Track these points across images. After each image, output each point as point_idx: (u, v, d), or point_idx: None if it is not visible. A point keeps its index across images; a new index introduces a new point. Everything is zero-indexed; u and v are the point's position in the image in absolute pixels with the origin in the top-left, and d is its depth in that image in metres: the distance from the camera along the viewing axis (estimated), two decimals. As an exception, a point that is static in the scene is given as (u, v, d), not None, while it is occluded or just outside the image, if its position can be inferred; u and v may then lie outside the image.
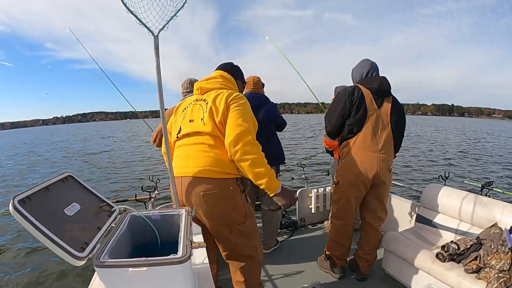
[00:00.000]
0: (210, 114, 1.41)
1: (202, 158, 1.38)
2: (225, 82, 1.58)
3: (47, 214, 0.96)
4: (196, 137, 1.44)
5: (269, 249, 2.53)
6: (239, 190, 1.40)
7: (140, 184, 2.96)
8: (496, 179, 4.66)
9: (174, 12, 1.53)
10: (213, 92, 1.49)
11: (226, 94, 1.44)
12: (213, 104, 1.42)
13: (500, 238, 1.56)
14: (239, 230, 1.44)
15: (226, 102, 1.40)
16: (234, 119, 1.35)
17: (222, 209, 1.39)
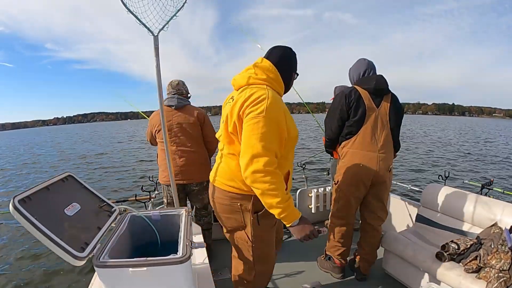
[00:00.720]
0: (226, 120, 1.23)
1: (219, 168, 1.32)
2: (260, 75, 1.24)
3: (47, 214, 0.96)
4: (219, 143, 1.36)
5: None
6: (248, 209, 1.24)
7: (140, 184, 2.96)
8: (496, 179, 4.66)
9: (174, 12, 1.53)
10: (242, 90, 1.23)
11: (245, 97, 1.16)
12: (233, 107, 1.19)
13: (500, 238, 1.56)
14: (242, 248, 1.35)
15: (240, 109, 1.15)
16: (247, 136, 1.11)
17: (227, 222, 1.33)
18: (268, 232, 1.33)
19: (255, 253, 1.32)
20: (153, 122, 2.27)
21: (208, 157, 2.38)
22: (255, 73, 1.24)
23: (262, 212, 1.24)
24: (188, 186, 2.26)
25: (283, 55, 1.30)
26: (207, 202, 2.36)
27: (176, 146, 2.19)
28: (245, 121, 1.13)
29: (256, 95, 1.14)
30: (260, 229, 1.28)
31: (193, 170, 2.23)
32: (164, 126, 1.73)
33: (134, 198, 2.72)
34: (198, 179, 2.27)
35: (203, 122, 2.29)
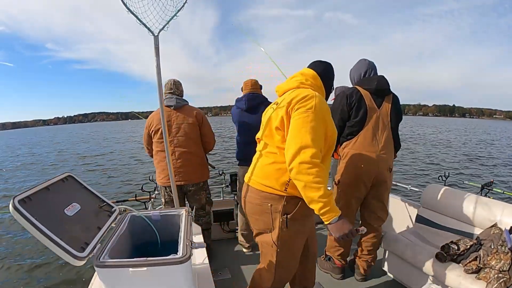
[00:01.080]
0: (271, 117, 1.27)
1: (254, 167, 1.34)
2: (304, 80, 1.32)
3: (47, 214, 0.96)
4: (259, 143, 1.39)
5: None
6: (279, 210, 1.22)
7: (140, 184, 2.96)
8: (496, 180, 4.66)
9: (175, 12, 1.53)
10: (288, 93, 1.29)
11: (294, 95, 1.21)
12: (279, 106, 1.25)
13: (500, 239, 1.56)
14: (266, 251, 1.32)
15: (288, 105, 1.19)
16: (296, 128, 1.13)
17: (256, 224, 1.32)
18: (296, 238, 1.29)
19: (278, 259, 1.29)
20: (149, 122, 2.24)
21: (205, 158, 2.38)
22: (301, 79, 1.33)
23: (291, 215, 1.22)
24: (185, 187, 2.25)
25: (326, 69, 1.40)
26: (204, 203, 2.36)
27: (174, 147, 2.18)
28: (293, 115, 1.16)
29: (305, 93, 1.20)
30: (287, 234, 1.25)
31: (190, 171, 2.23)
32: (164, 126, 1.73)
33: (134, 198, 2.72)
34: (195, 180, 2.26)
35: (202, 122, 2.29)
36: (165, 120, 1.73)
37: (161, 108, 1.70)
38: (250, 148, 2.36)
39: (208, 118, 2.44)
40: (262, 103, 2.34)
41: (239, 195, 2.56)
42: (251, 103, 2.33)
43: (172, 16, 1.53)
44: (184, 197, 2.32)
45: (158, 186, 2.46)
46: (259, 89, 2.44)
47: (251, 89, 2.39)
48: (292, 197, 1.21)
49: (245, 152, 2.38)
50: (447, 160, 11.02)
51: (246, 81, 2.43)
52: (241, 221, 2.55)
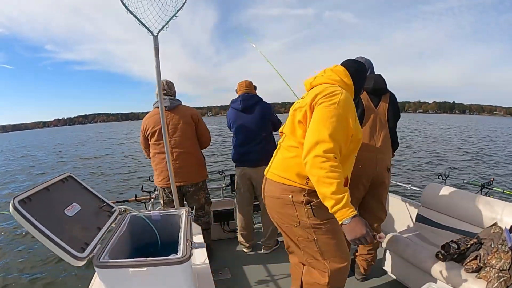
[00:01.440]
0: (295, 111, 1.26)
1: (274, 160, 1.33)
2: (334, 76, 1.28)
3: (47, 214, 0.96)
4: (281, 137, 1.38)
5: (270, 249, 2.53)
6: (301, 201, 1.20)
7: (139, 184, 2.96)
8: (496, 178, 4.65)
9: (174, 12, 1.53)
10: (316, 89, 1.25)
11: (319, 90, 1.18)
12: (304, 100, 1.24)
13: (500, 238, 1.56)
14: (304, 245, 1.28)
15: (313, 100, 1.17)
16: (316, 122, 1.11)
17: (281, 217, 1.28)
18: (329, 223, 1.22)
19: (322, 247, 1.23)
20: (145, 125, 2.22)
21: (202, 157, 2.38)
22: (330, 75, 1.28)
23: (315, 202, 1.18)
24: (184, 187, 2.25)
25: (359, 69, 1.35)
26: (204, 202, 2.36)
27: (171, 148, 2.16)
28: (316, 109, 1.14)
29: (330, 89, 1.17)
30: (317, 221, 1.20)
31: (188, 171, 2.22)
32: (164, 126, 1.73)
33: (134, 199, 2.72)
34: (193, 180, 2.26)
35: (198, 121, 2.29)
36: (165, 120, 1.72)
37: (161, 108, 1.70)
38: (247, 148, 2.37)
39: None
40: (257, 103, 2.37)
41: (237, 197, 2.56)
42: (246, 103, 2.34)
43: (171, 16, 1.53)
44: (182, 198, 2.31)
45: (157, 187, 2.46)
46: (254, 90, 2.47)
47: (246, 90, 2.41)
48: (314, 190, 1.13)
49: (241, 152, 2.39)
50: (447, 159, 11.02)
51: (240, 82, 2.45)
52: (240, 221, 2.55)
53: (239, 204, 2.53)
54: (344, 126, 1.12)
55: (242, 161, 2.41)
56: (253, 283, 2.09)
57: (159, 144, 2.18)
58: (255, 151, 2.34)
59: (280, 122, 2.50)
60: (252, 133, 2.35)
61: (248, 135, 2.36)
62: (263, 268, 2.27)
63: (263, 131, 2.36)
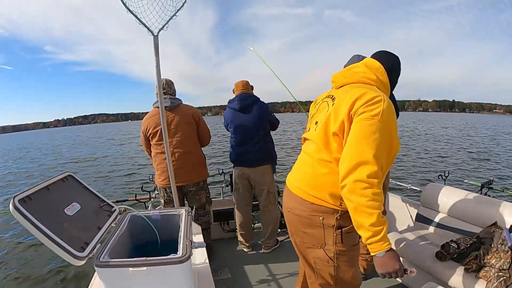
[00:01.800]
0: (327, 119, 1.08)
1: (301, 173, 1.17)
2: (370, 74, 1.12)
3: (47, 213, 0.96)
4: (309, 144, 1.19)
5: (270, 249, 2.53)
6: (332, 225, 1.07)
7: (139, 184, 2.96)
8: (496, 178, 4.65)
9: (174, 12, 1.53)
10: (348, 88, 1.10)
11: (357, 94, 1.01)
12: (337, 105, 1.07)
13: (500, 237, 1.56)
14: (320, 268, 1.16)
15: (351, 107, 1.00)
16: (356, 138, 0.96)
17: (304, 238, 1.16)
18: (353, 250, 1.14)
19: (338, 275, 1.14)
20: (145, 126, 2.22)
21: (203, 157, 2.39)
22: (366, 72, 1.13)
23: (347, 228, 1.07)
24: (185, 187, 2.25)
25: (396, 64, 1.19)
26: (205, 202, 2.36)
27: (173, 148, 2.16)
28: (356, 120, 0.98)
29: (370, 95, 1.00)
30: (344, 248, 1.09)
31: (190, 171, 2.22)
32: (164, 126, 1.73)
33: (134, 198, 2.72)
34: (194, 180, 2.26)
35: (199, 120, 2.29)
36: (165, 120, 1.72)
37: (161, 109, 1.70)
38: (245, 148, 2.37)
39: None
40: (255, 103, 2.37)
41: (236, 197, 2.56)
42: (243, 103, 2.35)
43: (171, 16, 1.53)
44: (183, 197, 2.31)
45: (157, 187, 2.46)
46: (251, 90, 2.47)
47: (243, 90, 2.41)
48: (347, 211, 1.02)
49: (239, 152, 2.39)
50: (447, 158, 11.02)
51: (237, 82, 2.46)
52: (239, 221, 2.55)
53: (238, 204, 2.54)
54: (387, 140, 0.98)
55: (241, 161, 2.41)
56: (253, 283, 2.09)
57: (160, 144, 2.18)
58: (254, 151, 2.35)
59: (278, 121, 2.52)
60: (250, 132, 2.35)
61: (246, 135, 2.36)
62: (263, 268, 2.27)
63: (261, 130, 2.37)
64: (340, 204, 1.05)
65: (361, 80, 1.12)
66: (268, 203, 2.46)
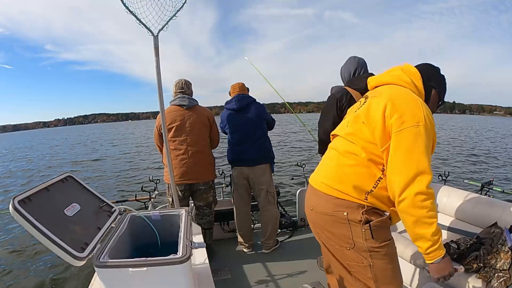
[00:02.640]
0: (358, 114, 1.08)
1: (326, 167, 1.14)
2: (404, 77, 1.10)
3: (47, 214, 0.96)
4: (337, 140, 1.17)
5: (270, 249, 2.53)
6: (358, 220, 1.01)
7: (140, 184, 2.96)
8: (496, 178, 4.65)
9: (174, 12, 1.53)
10: (384, 89, 1.10)
11: (393, 93, 1.02)
12: (370, 102, 1.06)
13: (500, 238, 1.56)
14: (356, 271, 1.08)
15: (385, 112, 0.98)
16: (408, 148, 0.92)
17: (331, 237, 1.10)
18: (388, 246, 1.06)
19: (377, 274, 1.06)
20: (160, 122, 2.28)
21: (214, 158, 2.43)
22: (401, 75, 1.11)
23: (376, 221, 1.01)
24: (195, 185, 2.27)
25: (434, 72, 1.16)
26: (211, 201, 2.38)
27: (187, 146, 2.21)
28: (398, 126, 0.95)
29: (408, 96, 1.00)
30: (376, 243, 1.03)
31: (201, 170, 2.26)
32: (164, 126, 1.73)
33: (134, 198, 2.73)
34: (205, 178, 2.30)
35: (212, 123, 2.36)
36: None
37: (161, 108, 1.70)
38: (243, 147, 2.39)
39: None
40: (252, 103, 2.42)
41: (235, 197, 2.56)
42: (241, 103, 2.39)
43: (171, 17, 1.53)
44: (189, 195, 2.34)
45: (159, 186, 2.47)
46: (247, 91, 2.52)
47: (239, 91, 2.46)
48: (373, 208, 1.01)
49: (238, 151, 2.41)
50: (447, 159, 11.02)
51: (233, 84, 2.51)
52: (239, 222, 2.55)
53: (237, 204, 2.55)
54: (431, 143, 0.97)
55: (239, 160, 2.42)
56: (253, 283, 2.09)
57: (174, 141, 2.22)
58: (252, 149, 2.37)
59: (274, 121, 2.57)
60: (249, 132, 2.38)
61: (244, 134, 2.39)
62: (263, 268, 2.27)
63: (259, 129, 2.41)
64: (366, 199, 1.00)
65: (395, 82, 1.11)
66: (267, 203, 2.47)
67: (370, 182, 1.00)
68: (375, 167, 1.01)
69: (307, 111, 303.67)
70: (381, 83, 1.16)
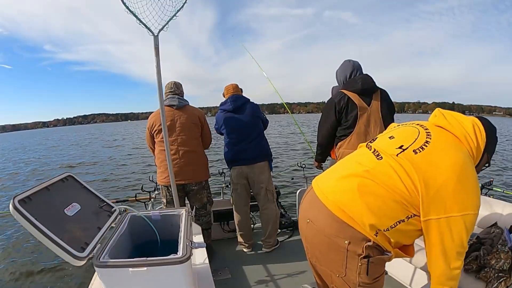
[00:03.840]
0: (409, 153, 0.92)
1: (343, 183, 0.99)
2: (473, 138, 0.97)
3: (47, 214, 0.96)
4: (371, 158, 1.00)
5: (271, 247, 2.54)
6: (358, 254, 0.91)
7: (139, 184, 2.96)
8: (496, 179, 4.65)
9: (174, 12, 1.54)
10: (443, 134, 0.98)
11: (463, 180, 0.87)
12: (431, 155, 0.91)
13: (500, 238, 1.56)
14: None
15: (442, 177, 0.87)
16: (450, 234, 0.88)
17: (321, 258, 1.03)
18: (378, 280, 0.98)
19: None
20: (151, 123, 2.28)
21: (206, 158, 2.42)
22: (470, 132, 0.97)
23: (375, 258, 0.92)
24: (188, 186, 2.26)
25: (492, 134, 1.04)
26: (206, 202, 2.37)
27: (177, 146, 2.20)
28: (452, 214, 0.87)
29: (473, 180, 0.89)
30: (369, 279, 0.94)
31: (193, 170, 2.25)
32: (164, 125, 1.73)
33: (134, 198, 2.72)
34: (197, 179, 2.28)
35: (204, 122, 2.34)
36: (165, 119, 1.73)
37: (161, 108, 1.70)
38: (241, 146, 2.39)
39: (208, 118, 2.48)
40: (247, 103, 2.45)
41: (234, 197, 2.55)
42: (236, 103, 2.41)
43: (171, 17, 1.53)
44: (185, 196, 2.33)
45: (158, 186, 2.46)
46: (240, 92, 2.55)
47: (233, 92, 2.49)
48: (378, 246, 0.92)
49: (236, 151, 2.41)
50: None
51: (227, 86, 2.54)
52: (238, 222, 2.55)
53: (236, 204, 2.54)
54: None
55: (238, 159, 2.42)
56: (253, 283, 2.09)
57: None
58: (250, 148, 2.39)
59: (267, 121, 2.60)
60: (246, 131, 2.40)
61: (241, 134, 2.40)
62: (263, 268, 2.27)
63: (256, 128, 2.43)
64: (376, 235, 0.90)
65: (460, 137, 0.98)
66: (267, 201, 2.47)
67: (389, 221, 0.90)
68: (403, 210, 0.90)
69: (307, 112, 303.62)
70: (445, 127, 1.01)
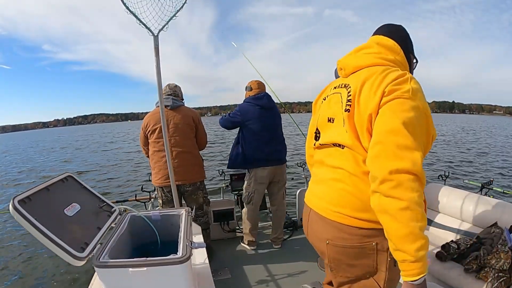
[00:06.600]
0: (351, 115, 0.87)
1: (335, 192, 0.93)
2: (386, 54, 0.93)
3: (47, 214, 0.96)
4: (334, 153, 0.95)
5: (280, 243, 2.60)
6: (386, 248, 0.87)
7: (139, 184, 2.96)
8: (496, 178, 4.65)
9: (174, 12, 1.53)
10: (364, 72, 0.91)
11: (382, 77, 0.83)
12: (358, 94, 0.86)
13: (500, 238, 1.56)
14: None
15: (381, 93, 0.80)
16: (388, 119, 0.77)
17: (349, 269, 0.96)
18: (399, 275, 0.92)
19: None
20: (146, 123, 2.25)
21: (201, 158, 2.40)
22: (380, 52, 0.93)
23: None
24: (182, 187, 2.25)
25: (405, 35, 0.97)
26: (202, 202, 2.36)
27: (171, 147, 2.16)
28: (387, 105, 0.79)
29: (395, 73, 0.82)
30: (396, 271, 0.90)
31: (187, 171, 2.23)
32: (164, 125, 1.73)
33: (134, 198, 2.72)
34: (191, 179, 2.27)
35: (198, 123, 2.32)
36: (165, 120, 1.73)
37: (161, 108, 1.70)
38: (273, 147, 2.38)
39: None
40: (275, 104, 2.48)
41: (255, 198, 2.45)
42: (271, 103, 2.42)
43: (171, 17, 1.53)
44: (180, 197, 2.31)
45: (155, 187, 2.46)
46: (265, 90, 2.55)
47: (260, 91, 2.44)
48: None
49: (268, 151, 2.35)
50: (447, 159, 11.03)
51: (258, 81, 2.45)
52: (253, 223, 2.53)
53: (255, 206, 2.49)
54: (424, 122, 0.81)
55: (272, 159, 2.37)
56: (253, 283, 2.09)
57: (158, 142, 2.19)
58: (281, 149, 2.45)
59: None
60: (277, 132, 2.43)
61: (274, 133, 2.41)
62: (263, 268, 2.27)
63: (281, 130, 2.49)
64: None
65: (377, 62, 0.92)
66: (283, 199, 2.55)
67: None
68: None
69: (307, 111, 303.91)
70: (359, 66, 0.95)
